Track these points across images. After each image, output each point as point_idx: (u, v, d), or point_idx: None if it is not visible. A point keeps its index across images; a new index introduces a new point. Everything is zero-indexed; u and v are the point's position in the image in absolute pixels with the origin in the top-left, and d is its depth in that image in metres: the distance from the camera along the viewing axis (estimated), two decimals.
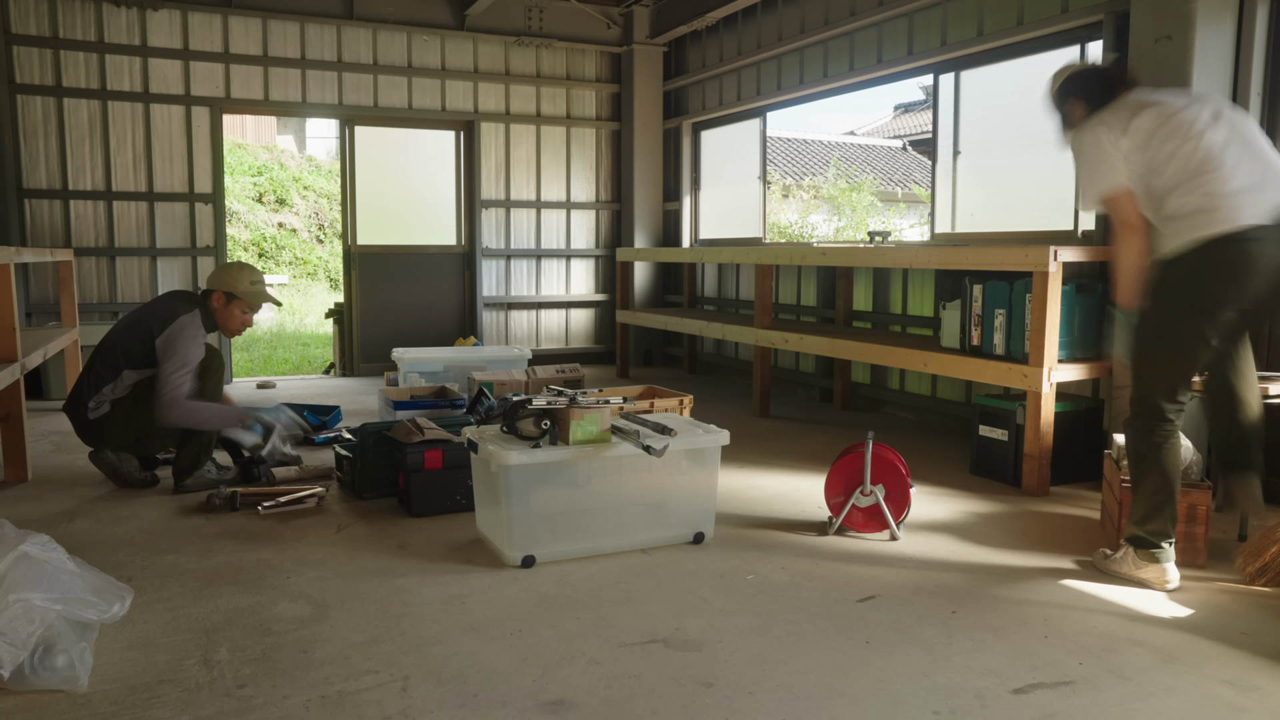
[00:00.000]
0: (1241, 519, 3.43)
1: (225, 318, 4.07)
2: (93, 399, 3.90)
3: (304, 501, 3.74)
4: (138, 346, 3.90)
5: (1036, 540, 3.43)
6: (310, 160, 19.94)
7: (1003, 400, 4.29)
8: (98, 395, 3.90)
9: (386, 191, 7.86)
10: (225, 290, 4.04)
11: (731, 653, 2.45)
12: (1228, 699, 2.21)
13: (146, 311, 4.02)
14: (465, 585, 2.92)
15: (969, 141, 5.40)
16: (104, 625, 2.41)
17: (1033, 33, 4.85)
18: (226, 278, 4.06)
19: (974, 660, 2.41)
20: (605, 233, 8.65)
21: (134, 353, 3.90)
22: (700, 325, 6.63)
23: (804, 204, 16.13)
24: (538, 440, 3.11)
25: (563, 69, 8.31)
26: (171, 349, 3.83)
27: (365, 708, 2.15)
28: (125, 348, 3.92)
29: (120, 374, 3.90)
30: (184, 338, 3.86)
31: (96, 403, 3.90)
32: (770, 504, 3.90)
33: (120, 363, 3.90)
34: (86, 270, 6.83)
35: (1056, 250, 3.94)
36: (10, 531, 2.39)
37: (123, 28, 6.81)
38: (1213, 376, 3.07)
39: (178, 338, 3.85)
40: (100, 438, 3.96)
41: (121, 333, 3.99)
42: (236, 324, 4.10)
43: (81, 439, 4.03)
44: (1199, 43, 3.76)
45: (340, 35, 7.44)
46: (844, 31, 6.23)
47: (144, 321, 3.95)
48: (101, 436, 3.95)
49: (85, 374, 3.97)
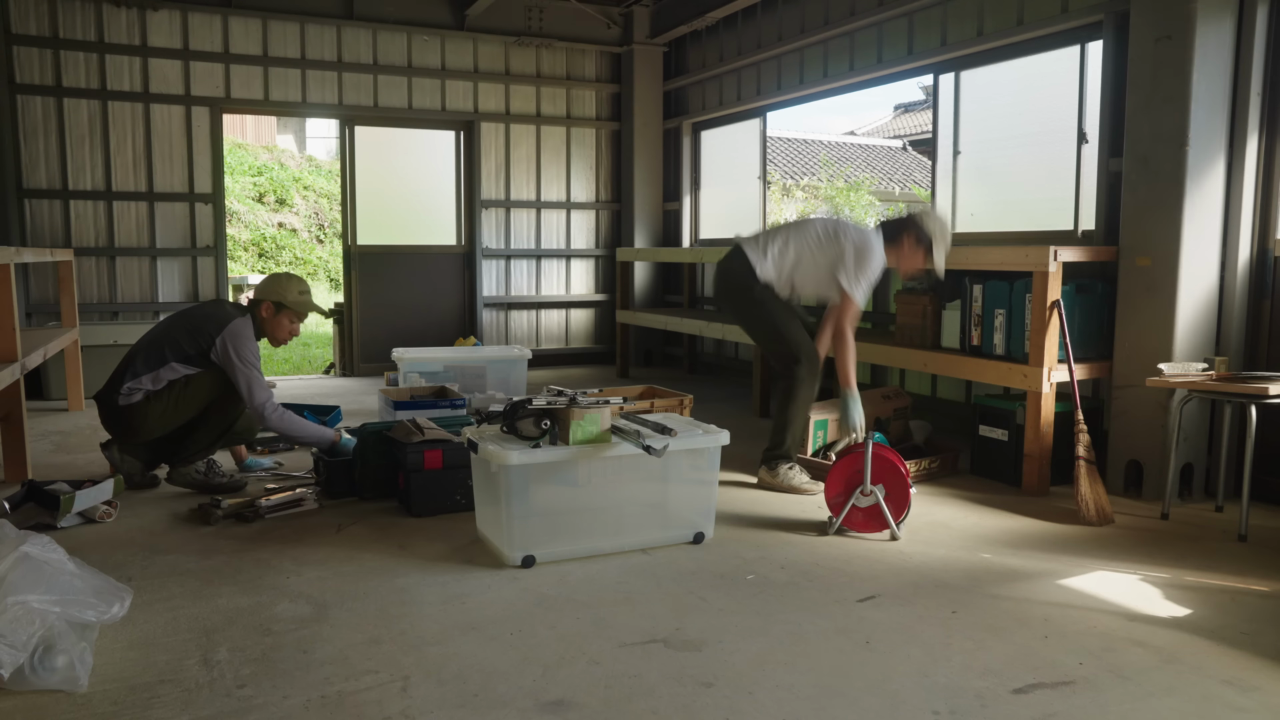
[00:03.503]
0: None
1: (274, 327, 4.11)
2: (127, 384, 3.90)
3: (302, 503, 3.74)
4: (189, 342, 3.93)
5: (1036, 540, 3.43)
6: (310, 160, 19.93)
7: (1003, 400, 4.30)
8: (134, 381, 3.90)
9: (386, 191, 7.86)
10: (275, 300, 4.08)
11: (731, 653, 2.45)
12: (1228, 699, 2.21)
13: (199, 312, 4.08)
14: (465, 585, 2.92)
15: (969, 141, 5.40)
16: (104, 625, 2.41)
17: (1033, 33, 4.85)
18: (276, 288, 4.10)
19: (974, 660, 2.41)
20: (605, 233, 8.65)
21: (184, 348, 3.93)
22: (700, 325, 6.63)
23: (801, 204, 16.12)
24: (538, 440, 3.11)
25: (563, 69, 8.31)
26: (237, 350, 3.89)
27: (365, 708, 2.15)
28: (174, 343, 3.94)
29: (165, 365, 3.91)
30: (245, 336, 3.94)
31: (130, 389, 3.89)
32: (770, 504, 3.90)
33: (167, 355, 3.92)
34: (86, 270, 6.83)
35: (1056, 250, 3.94)
36: (10, 532, 2.39)
37: (123, 28, 6.81)
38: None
39: (239, 340, 3.91)
40: (125, 427, 3.96)
41: (171, 329, 4.01)
42: (284, 333, 4.15)
43: (106, 427, 4.03)
44: (1199, 43, 3.76)
45: (340, 35, 7.44)
46: (844, 31, 6.23)
47: (196, 320, 4.00)
48: (126, 426, 3.95)
49: (126, 363, 3.98)
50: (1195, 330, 3.90)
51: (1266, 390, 3.34)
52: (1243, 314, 3.94)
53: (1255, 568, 3.13)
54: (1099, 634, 2.58)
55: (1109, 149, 4.37)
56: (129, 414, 3.92)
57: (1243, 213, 3.87)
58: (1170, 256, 3.86)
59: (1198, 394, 3.59)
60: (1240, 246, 3.89)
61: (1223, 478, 3.82)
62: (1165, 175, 3.87)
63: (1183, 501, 3.92)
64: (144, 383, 3.91)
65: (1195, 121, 3.79)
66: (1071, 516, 3.69)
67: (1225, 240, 3.92)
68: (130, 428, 3.95)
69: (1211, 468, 3.98)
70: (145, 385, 3.91)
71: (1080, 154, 4.65)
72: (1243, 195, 3.86)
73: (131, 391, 3.90)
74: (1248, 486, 3.43)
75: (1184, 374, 3.61)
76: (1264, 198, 3.89)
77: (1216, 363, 3.67)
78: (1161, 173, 3.88)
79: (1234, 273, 3.91)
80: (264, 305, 4.09)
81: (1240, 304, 3.93)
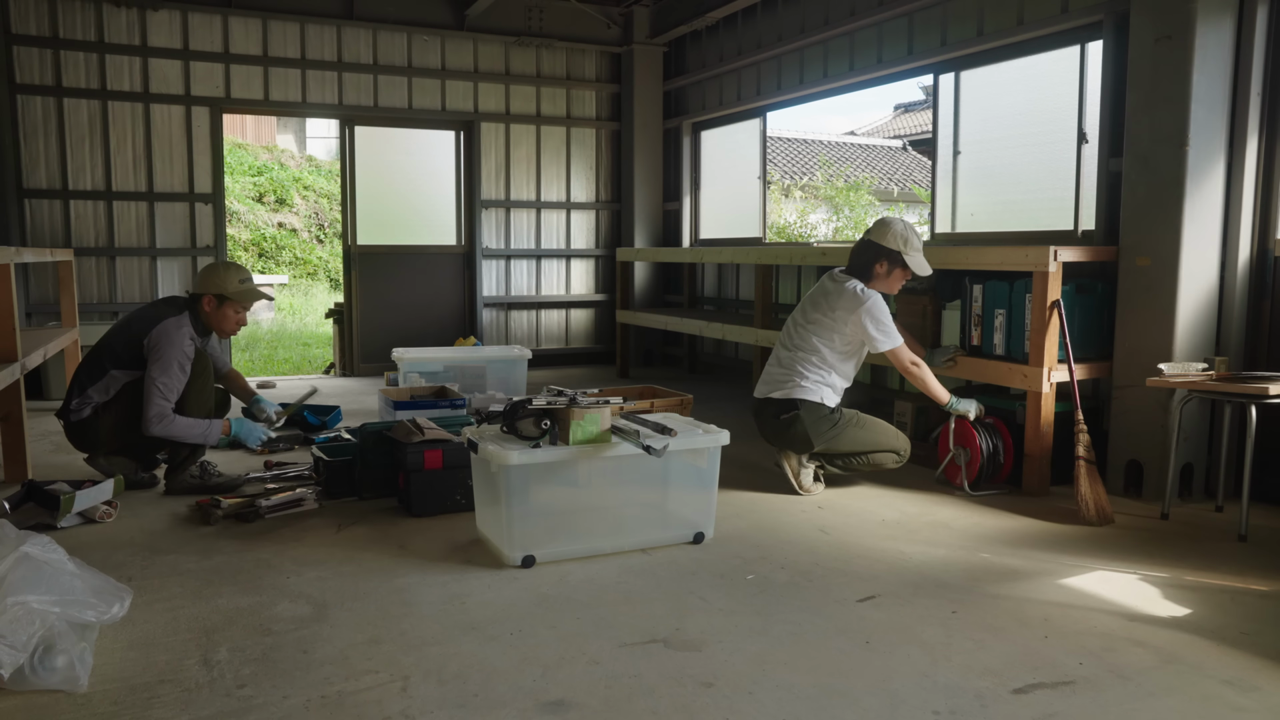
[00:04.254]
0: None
1: (219, 320, 4.05)
2: (76, 400, 3.91)
3: (302, 503, 3.74)
4: (123, 348, 3.91)
5: (1036, 540, 3.43)
6: (310, 160, 19.92)
7: (1002, 400, 4.29)
8: (82, 397, 3.90)
9: (386, 191, 7.86)
10: (215, 293, 4.02)
11: (731, 653, 2.45)
12: (1228, 699, 2.21)
13: (135, 316, 4.04)
14: (465, 585, 2.92)
15: (969, 141, 5.40)
16: (104, 625, 2.41)
17: (1033, 32, 4.85)
18: (214, 280, 4.04)
19: (974, 660, 2.41)
20: (605, 233, 8.65)
21: (121, 354, 3.91)
22: (700, 325, 6.62)
23: (800, 204, 16.12)
24: (538, 440, 3.11)
25: (563, 69, 8.31)
26: (156, 353, 3.84)
27: (365, 708, 2.15)
28: (111, 350, 3.93)
29: (107, 374, 3.90)
30: (168, 341, 3.85)
31: (79, 404, 3.90)
32: (770, 504, 3.90)
33: (106, 364, 3.91)
34: (86, 270, 6.83)
35: (1056, 250, 3.94)
36: (11, 532, 2.39)
37: (123, 28, 6.81)
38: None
39: (162, 342, 3.85)
40: (86, 442, 3.97)
41: (110, 338, 4.01)
42: (231, 324, 4.09)
43: (71, 443, 4.04)
44: (1199, 43, 3.76)
45: (340, 35, 7.44)
46: (844, 31, 6.23)
47: (131, 325, 3.97)
48: (86, 440, 3.96)
49: (74, 378, 3.99)
50: (1195, 330, 3.90)
51: (1266, 390, 3.34)
52: (1243, 314, 3.94)
53: (1255, 568, 3.13)
54: (1099, 634, 2.58)
55: (1109, 149, 4.37)
56: (83, 429, 3.93)
57: (1243, 213, 3.87)
58: (1170, 256, 3.86)
59: (1198, 394, 3.59)
60: (1240, 246, 3.89)
61: (1223, 478, 3.82)
62: (1165, 175, 3.87)
63: (1183, 501, 3.92)
64: (91, 396, 3.89)
65: (1195, 121, 3.79)
66: (1071, 516, 3.69)
67: (1225, 240, 3.92)
68: (90, 442, 3.96)
69: (1211, 468, 3.98)
70: (93, 398, 3.90)
71: (1080, 154, 4.65)
72: (1243, 195, 3.86)
73: (81, 406, 3.90)
74: (1248, 486, 3.43)
75: (1184, 374, 3.61)
76: (1264, 198, 3.89)
77: (1216, 363, 3.67)
78: (1161, 173, 3.88)
79: (1234, 273, 3.91)
80: (205, 299, 4.02)
81: (1240, 304, 3.93)
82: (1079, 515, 3.64)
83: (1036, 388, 3.98)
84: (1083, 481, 3.66)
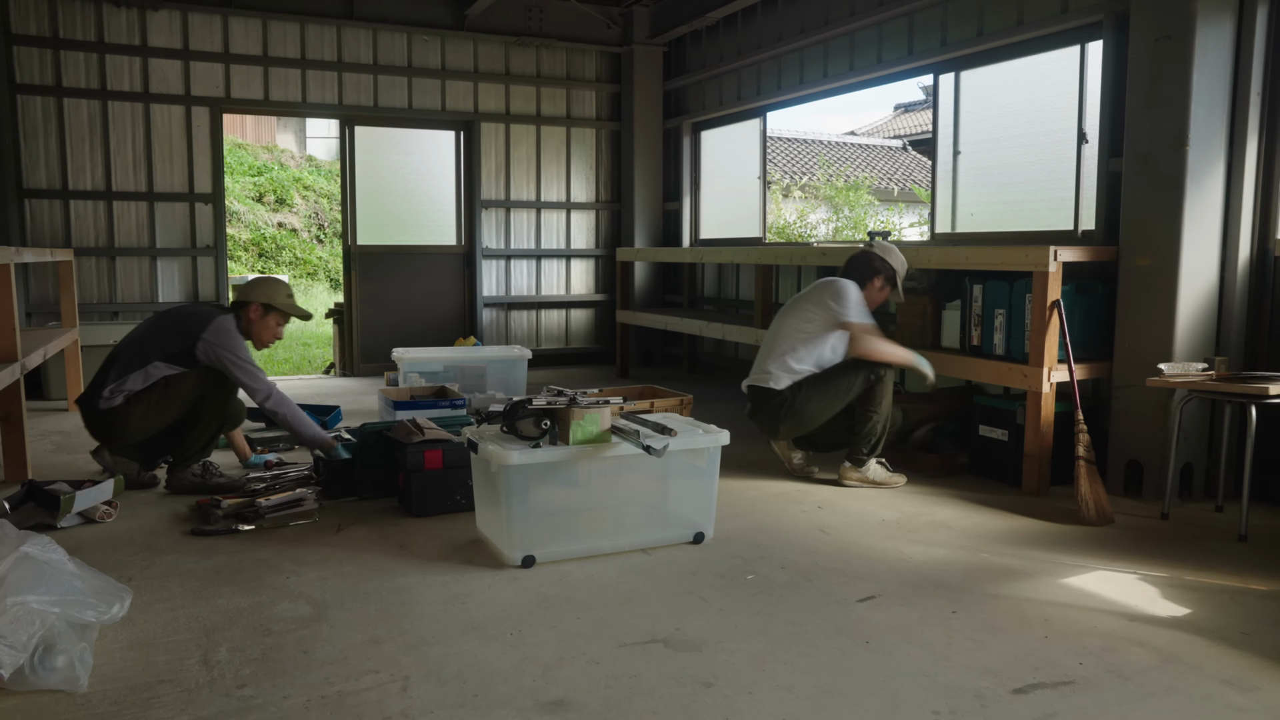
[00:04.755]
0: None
1: (261, 329, 4.11)
2: (109, 387, 3.89)
3: (302, 503, 3.74)
4: (173, 340, 3.93)
5: (1036, 540, 3.43)
6: (310, 160, 19.91)
7: (1003, 400, 4.30)
8: (116, 384, 3.89)
9: (386, 191, 7.86)
10: (264, 302, 4.07)
11: (731, 653, 2.45)
12: (1228, 699, 2.21)
13: (182, 312, 4.08)
14: (465, 585, 2.92)
15: (969, 141, 5.40)
16: (104, 625, 2.41)
17: (1033, 32, 4.85)
18: (264, 289, 4.10)
19: (974, 660, 2.41)
20: (605, 233, 8.65)
21: (168, 346, 3.93)
22: (700, 325, 6.62)
23: (800, 203, 16.11)
24: (538, 440, 3.11)
25: (563, 69, 8.31)
26: (229, 346, 3.91)
27: (365, 708, 2.15)
28: (157, 342, 3.94)
29: (149, 364, 3.91)
30: (233, 333, 3.95)
31: (112, 392, 3.88)
32: (770, 504, 3.90)
33: (151, 354, 3.91)
34: (86, 270, 6.82)
35: (1056, 250, 3.94)
36: (10, 532, 2.40)
37: (123, 28, 6.81)
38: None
39: (229, 334, 3.93)
40: (108, 431, 3.96)
41: (153, 329, 4.02)
42: (270, 335, 4.15)
43: (90, 432, 4.03)
44: (1199, 43, 3.76)
45: (340, 35, 7.44)
46: (844, 31, 6.23)
47: (180, 319, 4.01)
48: (111, 429, 3.95)
49: (107, 366, 3.97)
50: (1195, 330, 3.90)
51: (1266, 390, 3.34)
52: (1243, 314, 3.94)
53: (1255, 568, 3.13)
54: (1099, 634, 2.58)
55: (1109, 149, 4.37)
56: (110, 418, 3.92)
57: (1243, 213, 3.87)
58: (1170, 256, 3.86)
59: (1198, 394, 3.59)
60: (1240, 246, 3.89)
61: (1223, 478, 3.82)
62: (1165, 175, 3.87)
63: (1183, 501, 3.92)
64: (127, 384, 3.89)
65: (1195, 121, 3.79)
66: (1071, 516, 3.69)
67: (1225, 240, 3.92)
68: (113, 432, 3.95)
69: (1211, 468, 3.98)
70: (128, 387, 3.89)
71: (1080, 154, 4.65)
72: (1243, 195, 3.86)
73: (113, 395, 3.89)
74: (1248, 486, 3.42)
75: (1184, 374, 3.62)
76: (1264, 198, 3.89)
77: (1216, 363, 3.67)
78: (1161, 173, 3.88)
79: (1234, 273, 3.91)
80: (252, 307, 4.07)
81: (1240, 304, 3.93)
82: (1079, 515, 3.64)
83: (1036, 388, 3.98)
84: (1083, 481, 3.66)
